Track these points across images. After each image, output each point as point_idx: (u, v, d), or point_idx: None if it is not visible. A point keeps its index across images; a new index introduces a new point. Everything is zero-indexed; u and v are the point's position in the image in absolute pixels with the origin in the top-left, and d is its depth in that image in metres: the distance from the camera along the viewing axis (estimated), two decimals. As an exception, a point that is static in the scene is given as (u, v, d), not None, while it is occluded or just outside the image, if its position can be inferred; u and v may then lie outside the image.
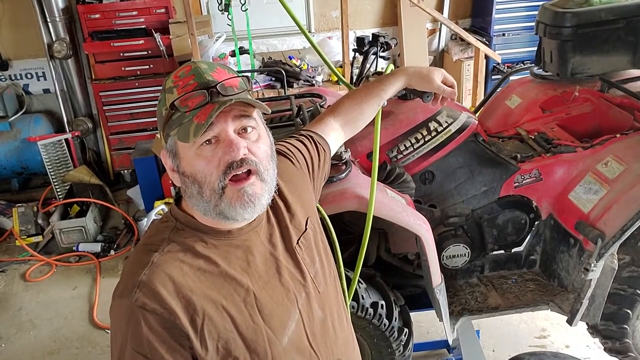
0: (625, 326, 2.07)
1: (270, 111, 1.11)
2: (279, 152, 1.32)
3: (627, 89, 2.21)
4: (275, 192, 1.20)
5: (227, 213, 1.03)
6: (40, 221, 3.97)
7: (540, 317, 2.90)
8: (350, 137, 1.57)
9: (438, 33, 5.07)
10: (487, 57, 4.45)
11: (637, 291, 2.02)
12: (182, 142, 1.01)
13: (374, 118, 1.59)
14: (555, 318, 2.86)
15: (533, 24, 2.49)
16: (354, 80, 2.25)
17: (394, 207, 1.74)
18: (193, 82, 1.02)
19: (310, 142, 1.41)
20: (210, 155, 1.01)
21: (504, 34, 4.82)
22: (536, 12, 2.44)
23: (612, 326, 2.08)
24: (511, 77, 2.90)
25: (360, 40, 2.22)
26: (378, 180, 1.71)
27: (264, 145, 1.07)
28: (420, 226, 1.77)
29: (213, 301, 1.03)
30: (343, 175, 1.73)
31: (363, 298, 1.86)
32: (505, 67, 4.71)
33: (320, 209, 1.50)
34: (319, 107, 2.09)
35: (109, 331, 3.04)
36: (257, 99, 1.11)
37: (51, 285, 3.49)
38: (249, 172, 1.03)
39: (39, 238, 3.89)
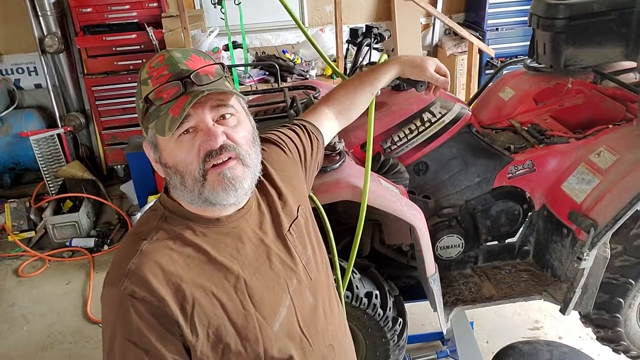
0: (618, 315, 2.08)
1: (245, 99, 1.10)
2: (270, 141, 1.32)
3: (620, 81, 2.22)
4: (266, 179, 1.21)
5: (211, 199, 1.03)
6: (32, 217, 3.94)
7: (533, 308, 2.91)
8: (344, 128, 1.57)
9: (432, 28, 5.07)
10: (480, 51, 4.46)
11: (629, 280, 2.03)
12: (160, 135, 1.01)
13: (368, 108, 1.59)
14: (548, 310, 2.88)
15: (526, 18, 2.50)
16: (348, 72, 2.24)
17: (388, 196, 1.74)
18: (167, 72, 1.01)
19: (303, 131, 1.41)
20: (190, 145, 1.01)
21: (497, 29, 4.83)
22: (529, 7, 2.45)
23: (604, 315, 2.10)
24: (504, 70, 2.90)
25: (353, 32, 2.22)
26: (372, 170, 1.71)
27: (244, 130, 1.07)
28: (414, 216, 1.78)
29: (203, 288, 1.03)
30: (337, 165, 1.73)
31: (357, 288, 1.86)
32: (499, 62, 4.71)
33: (315, 198, 1.50)
34: (312, 98, 2.08)
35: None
36: (251, 92, 1.11)
37: (44, 281, 3.47)
38: (228, 159, 1.03)
39: (32, 233, 3.87)
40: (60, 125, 4.46)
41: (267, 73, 4.11)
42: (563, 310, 2.05)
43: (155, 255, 1.02)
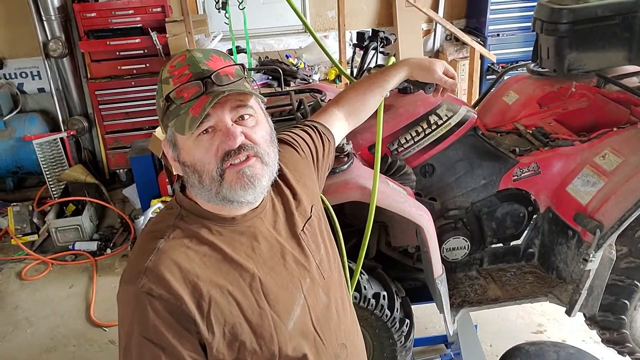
0: (623, 317, 2.09)
1: (265, 100, 1.12)
2: (283, 141, 1.34)
3: (624, 84, 2.24)
4: (281, 179, 1.22)
5: (229, 196, 1.04)
6: (35, 220, 3.95)
7: (536, 312, 2.92)
8: (352, 130, 1.59)
9: (433, 33, 5.11)
10: (482, 57, 4.49)
11: (635, 282, 2.04)
12: (179, 134, 1.02)
13: (376, 110, 1.61)
14: (552, 313, 2.89)
15: (527, 24, 2.52)
16: (355, 75, 2.26)
17: (396, 197, 1.75)
18: (188, 72, 1.02)
19: (315, 132, 1.43)
20: (208, 144, 1.02)
21: (498, 35, 4.86)
22: (531, 13, 2.47)
23: (610, 317, 2.11)
24: (506, 75, 2.93)
25: (360, 35, 2.24)
26: (380, 172, 1.73)
27: (262, 130, 1.08)
28: (421, 216, 1.79)
29: (219, 286, 1.03)
30: (345, 166, 1.74)
31: (365, 289, 1.87)
32: (500, 67, 4.75)
33: (324, 199, 1.51)
34: (319, 101, 2.10)
35: (106, 329, 3.03)
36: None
37: (47, 284, 3.47)
38: (247, 157, 1.04)
39: (35, 237, 3.88)
40: (63, 129, 4.48)
41: (270, 77, 4.14)
42: (569, 312, 2.06)
43: (172, 254, 1.02)
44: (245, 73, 1.08)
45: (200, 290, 1.01)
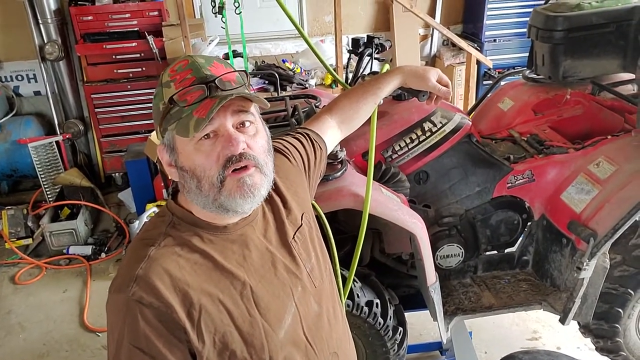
0: (617, 325, 2.09)
1: (269, 105, 1.11)
2: (275, 149, 1.32)
3: (618, 92, 2.25)
4: (272, 187, 1.21)
5: (226, 205, 1.03)
6: (30, 224, 3.93)
7: (531, 319, 2.92)
8: (345, 137, 1.58)
9: (430, 39, 5.12)
10: (478, 62, 4.50)
11: (629, 290, 2.04)
12: (181, 136, 1.01)
13: (369, 117, 1.60)
14: (547, 320, 2.89)
15: (524, 30, 2.53)
16: (349, 82, 2.26)
17: (390, 205, 1.75)
18: (191, 76, 1.02)
19: (307, 139, 1.42)
20: (209, 149, 1.01)
21: (495, 40, 4.87)
22: (527, 18, 2.48)
23: (603, 325, 2.11)
24: (502, 81, 2.93)
25: (355, 42, 2.24)
26: (373, 179, 1.72)
27: (262, 139, 1.08)
28: (415, 224, 1.78)
29: (210, 295, 1.03)
30: (339, 173, 1.74)
31: (358, 296, 1.87)
32: (496, 73, 4.76)
33: (317, 206, 1.51)
34: (314, 107, 2.10)
35: (99, 334, 3.01)
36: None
37: (41, 288, 3.45)
38: (246, 166, 1.03)
39: (29, 241, 3.85)
40: (58, 133, 4.46)
41: (266, 82, 4.13)
42: (562, 320, 2.06)
43: (163, 261, 1.02)
44: (247, 80, 1.08)
45: (190, 298, 1.01)
